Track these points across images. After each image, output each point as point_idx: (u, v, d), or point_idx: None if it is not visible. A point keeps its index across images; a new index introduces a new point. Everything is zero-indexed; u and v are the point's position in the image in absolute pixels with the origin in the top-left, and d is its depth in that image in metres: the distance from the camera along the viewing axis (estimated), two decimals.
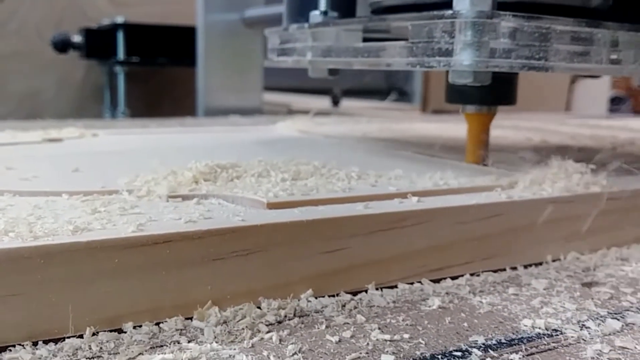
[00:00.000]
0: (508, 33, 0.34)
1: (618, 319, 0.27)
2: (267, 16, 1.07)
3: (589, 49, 0.37)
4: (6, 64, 1.29)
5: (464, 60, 0.34)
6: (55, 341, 0.23)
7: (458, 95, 0.44)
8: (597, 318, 0.27)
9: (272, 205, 0.30)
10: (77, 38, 1.23)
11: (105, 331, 0.24)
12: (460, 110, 0.45)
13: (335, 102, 1.53)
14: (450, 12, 0.35)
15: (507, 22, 0.34)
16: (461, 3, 0.34)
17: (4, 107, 1.28)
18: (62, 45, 1.22)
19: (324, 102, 1.56)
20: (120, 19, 1.20)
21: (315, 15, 0.46)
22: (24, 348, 0.23)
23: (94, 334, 0.24)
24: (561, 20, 0.36)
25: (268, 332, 0.24)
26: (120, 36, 1.20)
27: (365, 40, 0.41)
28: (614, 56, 0.38)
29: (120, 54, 1.21)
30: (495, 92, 0.42)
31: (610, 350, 0.24)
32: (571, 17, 0.36)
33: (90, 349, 0.23)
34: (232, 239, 0.26)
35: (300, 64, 0.46)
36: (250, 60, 1.12)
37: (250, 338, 0.24)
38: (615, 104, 2.01)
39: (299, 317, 0.26)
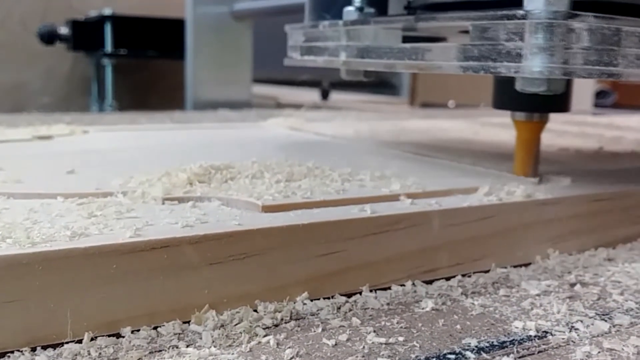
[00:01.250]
0: (585, 36, 0.31)
1: (606, 320, 0.27)
2: (256, 9, 1.07)
3: None
4: None
5: (535, 67, 0.30)
6: (54, 347, 0.23)
7: (508, 100, 0.41)
8: (586, 319, 0.28)
9: (267, 208, 0.30)
10: (63, 30, 1.22)
11: (103, 336, 0.24)
12: (511, 117, 0.42)
13: (325, 96, 1.53)
14: (521, 12, 0.31)
15: (584, 23, 0.31)
16: (534, 2, 0.31)
17: None
18: (49, 37, 1.21)
19: (313, 94, 1.56)
20: (107, 11, 1.19)
21: (349, 12, 0.43)
22: (23, 354, 0.23)
23: (92, 339, 0.24)
24: (637, 21, 0.32)
25: (265, 335, 0.25)
26: (108, 28, 1.20)
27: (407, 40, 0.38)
28: None
29: (108, 46, 1.20)
30: (549, 97, 0.38)
31: (599, 352, 0.24)
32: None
33: (89, 354, 0.23)
34: (229, 243, 0.26)
35: (333, 64, 0.43)
36: (239, 53, 1.11)
37: (248, 342, 0.24)
38: (601, 98, 2.03)
39: (295, 320, 0.26)
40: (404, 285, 0.31)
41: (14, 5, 1.29)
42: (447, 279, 0.32)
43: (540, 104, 0.40)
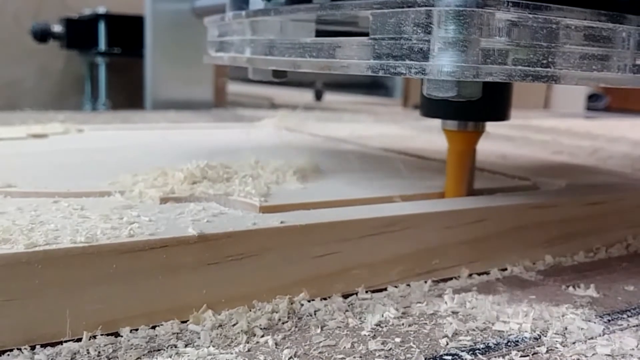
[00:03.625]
0: (506, 29, 0.25)
1: (600, 323, 0.28)
2: (217, 6, 1.05)
3: (609, 52, 0.27)
4: None
5: (445, 66, 0.24)
6: (53, 345, 0.23)
7: (436, 106, 0.36)
8: (580, 321, 0.28)
9: (265, 209, 0.30)
10: (57, 28, 1.22)
11: (102, 335, 0.24)
12: (442, 126, 0.37)
13: (318, 96, 1.53)
14: None
15: (504, 13, 0.25)
16: None
17: None
18: (42, 35, 1.21)
19: (308, 95, 1.56)
20: (101, 9, 1.19)
21: (256, 1, 0.36)
22: (22, 352, 0.23)
23: (91, 338, 0.24)
24: (574, 11, 0.26)
25: (263, 336, 0.25)
26: (102, 27, 1.19)
27: (323, 34, 0.32)
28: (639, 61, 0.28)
29: (102, 45, 1.20)
30: (485, 103, 0.33)
31: (593, 355, 0.25)
32: (582, 6, 0.27)
33: (88, 353, 0.23)
34: (227, 244, 0.27)
35: (238, 62, 0.36)
36: (200, 51, 1.10)
37: (246, 342, 0.24)
38: (593, 101, 2.05)
39: (293, 320, 0.27)
40: (397, 286, 0.31)
41: (6, 2, 1.28)
42: (444, 280, 0.32)
43: (474, 111, 0.35)
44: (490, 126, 0.38)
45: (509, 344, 0.25)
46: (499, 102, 0.36)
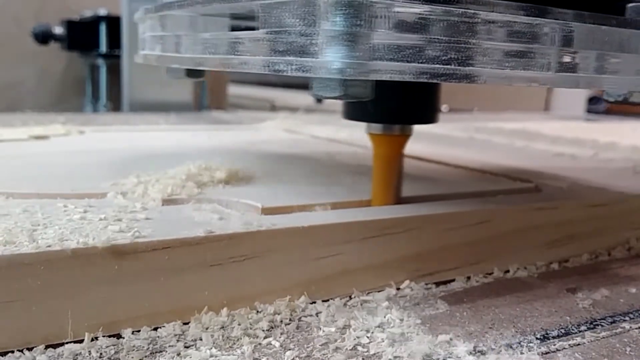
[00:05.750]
0: (405, 21, 0.22)
1: (603, 325, 0.28)
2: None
3: (531, 49, 0.25)
4: None
5: (328, 63, 0.22)
6: (55, 347, 0.23)
7: (358, 108, 0.33)
8: (581, 324, 0.28)
9: (267, 211, 0.30)
10: (58, 29, 1.22)
11: (104, 336, 0.24)
12: (366, 130, 0.34)
13: (319, 99, 1.53)
14: None
15: (402, 4, 0.22)
16: None
17: None
18: (43, 37, 1.21)
19: (308, 97, 1.56)
20: (102, 11, 1.19)
21: None
22: (23, 354, 0.23)
23: (93, 340, 0.24)
24: (490, 3, 0.23)
25: (265, 337, 0.25)
26: (103, 28, 1.19)
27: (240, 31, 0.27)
28: (566, 59, 0.26)
29: (103, 47, 1.20)
30: (411, 105, 0.32)
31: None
32: None
33: (90, 354, 0.23)
34: (229, 245, 0.26)
35: (148, 60, 0.34)
36: None
37: (248, 344, 0.24)
38: (593, 104, 2.05)
39: (295, 322, 0.27)
40: (399, 288, 0.31)
41: (7, 4, 1.28)
42: (448, 282, 0.32)
43: (399, 113, 0.33)
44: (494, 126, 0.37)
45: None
46: (426, 104, 0.34)
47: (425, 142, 0.64)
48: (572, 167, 0.52)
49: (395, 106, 0.32)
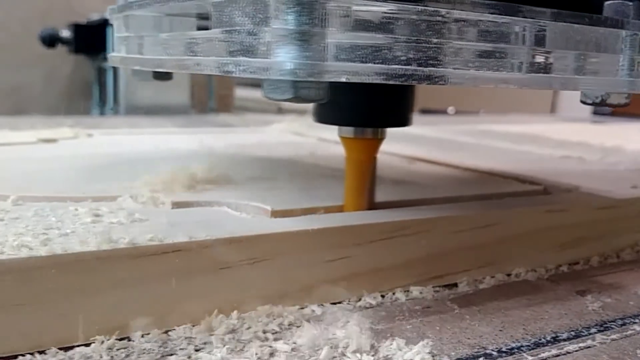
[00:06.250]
0: (361, 20, 0.21)
1: (614, 327, 0.28)
2: None
3: (499, 49, 0.24)
4: None
5: (281, 64, 0.20)
6: (65, 350, 0.23)
7: (330, 110, 0.32)
8: (591, 327, 0.28)
9: (276, 214, 0.30)
10: (65, 33, 1.22)
11: (115, 339, 0.24)
12: (338, 133, 0.33)
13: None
14: None
15: (358, 2, 0.21)
16: None
17: None
18: (50, 40, 1.21)
19: None
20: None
21: None
22: (34, 357, 0.23)
23: (103, 343, 0.24)
24: (452, 1, 0.22)
25: (275, 340, 0.25)
26: (110, 32, 1.20)
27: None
28: (539, 59, 0.25)
29: (110, 50, 1.20)
30: (384, 108, 0.31)
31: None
32: None
33: (100, 357, 0.23)
34: (239, 248, 0.27)
35: (113, 62, 0.33)
36: None
37: (259, 347, 0.24)
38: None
39: (305, 325, 0.27)
40: (408, 291, 0.31)
41: (15, 7, 1.29)
42: (455, 285, 0.32)
43: (371, 116, 0.32)
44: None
45: (529, 346, 0.25)
46: (400, 107, 0.33)
47: (430, 145, 0.64)
48: (580, 170, 0.51)
49: (367, 108, 0.31)
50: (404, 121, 0.33)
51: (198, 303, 0.26)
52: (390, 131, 0.33)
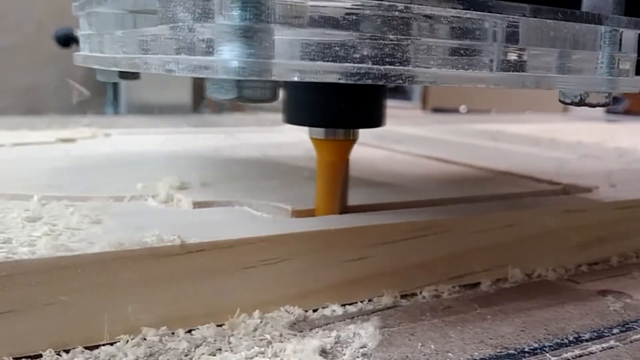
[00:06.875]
0: (314, 16, 0.20)
1: (636, 328, 0.28)
2: None
3: (469, 46, 0.23)
4: (6, 57, 1.29)
5: (223, 62, 0.19)
6: (91, 349, 0.24)
7: (301, 110, 0.31)
8: (613, 327, 0.28)
9: (296, 213, 0.31)
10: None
11: (140, 338, 0.24)
12: (309, 134, 0.31)
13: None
14: None
15: None
16: None
17: (4, 100, 1.28)
18: (65, 40, 1.22)
19: None
20: None
21: None
22: (60, 356, 0.23)
23: (128, 342, 0.24)
24: None
25: (297, 339, 0.25)
26: None
27: None
28: (512, 57, 0.24)
29: None
30: (356, 108, 0.30)
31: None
32: None
33: (125, 356, 0.23)
34: (262, 248, 0.27)
35: (75, 61, 0.32)
36: None
37: (282, 346, 0.24)
38: (613, 104, 2.02)
39: (326, 325, 0.27)
40: (429, 291, 0.31)
41: (29, 7, 1.30)
42: (475, 285, 0.32)
43: (342, 117, 0.30)
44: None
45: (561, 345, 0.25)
46: (372, 107, 0.31)
47: (445, 145, 0.64)
48: (597, 169, 0.51)
49: (340, 109, 0.30)
50: (376, 121, 0.31)
51: (221, 302, 0.26)
52: (400, 131, 0.33)
